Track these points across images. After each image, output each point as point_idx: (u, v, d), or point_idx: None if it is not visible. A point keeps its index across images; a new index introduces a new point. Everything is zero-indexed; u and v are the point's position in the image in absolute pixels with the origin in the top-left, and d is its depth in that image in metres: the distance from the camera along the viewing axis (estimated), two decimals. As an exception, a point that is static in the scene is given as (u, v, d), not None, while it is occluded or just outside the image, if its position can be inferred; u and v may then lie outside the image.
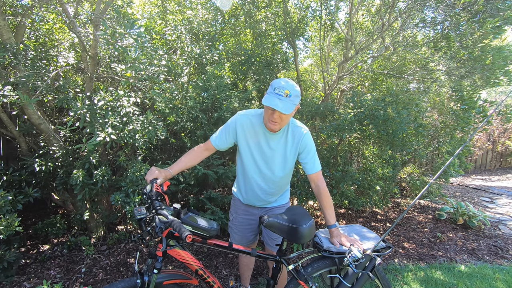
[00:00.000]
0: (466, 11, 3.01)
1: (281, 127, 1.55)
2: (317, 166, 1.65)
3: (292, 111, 1.45)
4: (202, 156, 1.71)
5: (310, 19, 4.40)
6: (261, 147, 1.63)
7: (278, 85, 1.44)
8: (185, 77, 3.01)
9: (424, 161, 4.60)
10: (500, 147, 8.12)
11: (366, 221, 3.84)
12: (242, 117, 1.64)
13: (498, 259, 3.03)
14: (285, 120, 1.51)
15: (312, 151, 1.64)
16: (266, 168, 1.67)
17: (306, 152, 1.63)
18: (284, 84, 1.44)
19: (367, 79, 4.81)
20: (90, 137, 2.30)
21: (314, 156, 1.65)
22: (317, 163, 1.65)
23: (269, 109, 1.47)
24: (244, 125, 1.62)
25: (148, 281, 1.31)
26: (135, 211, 1.30)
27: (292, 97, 1.43)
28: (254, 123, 1.62)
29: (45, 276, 2.40)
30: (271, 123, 1.49)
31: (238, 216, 1.86)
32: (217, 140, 1.68)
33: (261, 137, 1.63)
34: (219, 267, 2.65)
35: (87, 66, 2.52)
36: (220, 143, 1.68)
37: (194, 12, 3.50)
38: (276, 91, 1.42)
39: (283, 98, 1.41)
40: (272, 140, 1.62)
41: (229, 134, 1.66)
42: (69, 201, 2.88)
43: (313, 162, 1.63)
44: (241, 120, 1.63)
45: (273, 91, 1.43)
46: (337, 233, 1.61)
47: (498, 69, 3.28)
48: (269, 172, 1.67)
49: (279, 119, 1.47)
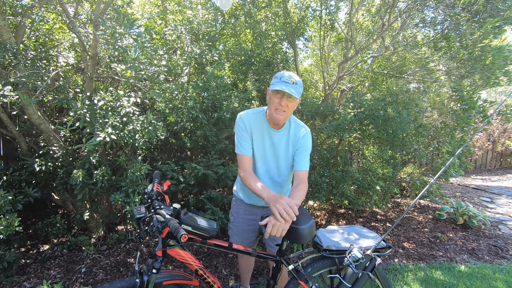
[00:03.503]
0: (466, 11, 3.01)
1: (286, 117, 1.55)
2: (306, 165, 1.64)
3: (299, 97, 1.49)
4: (253, 173, 1.64)
5: (310, 19, 4.40)
6: (265, 143, 1.66)
7: (283, 74, 1.48)
8: (185, 77, 3.01)
9: (424, 161, 4.60)
10: (500, 147, 8.12)
11: (366, 221, 3.83)
12: (245, 116, 1.66)
13: (498, 259, 3.03)
14: (290, 110, 1.52)
15: (307, 151, 1.66)
16: (273, 165, 1.70)
17: (302, 150, 1.65)
18: (288, 74, 1.49)
19: (367, 79, 4.81)
20: (90, 137, 2.30)
21: (307, 156, 1.66)
22: (307, 162, 1.65)
23: (277, 96, 1.48)
24: (251, 121, 1.64)
25: (147, 281, 1.30)
26: (134, 210, 1.30)
27: (298, 85, 1.48)
28: (257, 120, 1.64)
29: (45, 276, 2.40)
30: (278, 113, 1.50)
31: (239, 216, 1.86)
32: (245, 149, 1.62)
33: (265, 133, 1.65)
34: (219, 267, 2.65)
35: (87, 66, 2.52)
36: (249, 149, 1.64)
37: (194, 12, 3.50)
38: (283, 80, 1.46)
39: (291, 85, 1.44)
40: (276, 137, 1.64)
41: (247, 135, 1.63)
42: (69, 201, 2.88)
43: (304, 160, 1.64)
44: (246, 118, 1.65)
45: (280, 80, 1.47)
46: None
47: (498, 69, 3.28)
48: (276, 168, 1.71)
49: (286, 107, 1.49)
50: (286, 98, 1.46)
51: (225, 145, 2.93)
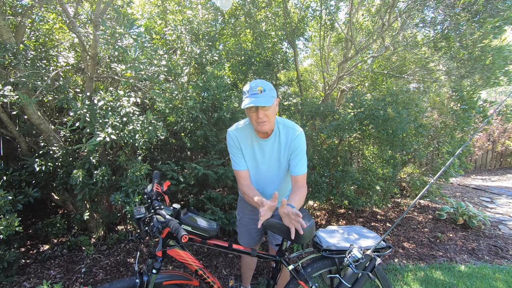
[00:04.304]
0: (466, 11, 3.01)
1: (271, 125, 1.54)
2: (303, 168, 1.61)
3: (273, 103, 1.46)
4: (252, 186, 1.68)
5: (310, 19, 4.40)
6: (256, 154, 1.66)
7: (249, 87, 1.47)
8: (185, 77, 3.01)
9: (424, 161, 4.60)
10: (500, 147, 8.12)
11: (366, 221, 3.83)
12: (234, 131, 1.66)
13: (498, 259, 3.03)
14: (272, 117, 1.51)
15: (302, 152, 1.62)
16: (267, 174, 1.70)
17: (296, 153, 1.61)
18: (254, 84, 1.47)
19: (367, 79, 4.81)
20: (90, 137, 2.30)
21: (303, 158, 1.62)
22: (304, 165, 1.62)
23: (252, 111, 1.47)
24: (239, 136, 1.65)
25: (147, 281, 1.31)
26: (134, 210, 1.30)
27: (267, 90, 1.45)
28: (244, 132, 1.65)
29: (45, 276, 2.40)
30: (261, 125, 1.49)
31: (245, 216, 1.88)
32: (239, 165, 1.67)
33: (255, 144, 1.64)
34: (219, 267, 2.65)
35: (87, 66, 2.52)
36: (243, 164, 1.67)
37: (194, 12, 3.50)
38: (250, 92, 1.45)
39: (259, 95, 1.43)
40: (266, 147, 1.63)
41: (237, 151, 1.66)
42: (69, 201, 2.88)
43: (300, 163, 1.61)
44: (234, 133, 1.65)
45: (247, 93, 1.46)
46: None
47: (498, 69, 3.28)
48: (269, 178, 1.71)
49: (266, 117, 1.47)
50: (260, 109, 1.44)
51: (225, 145, 2.91)
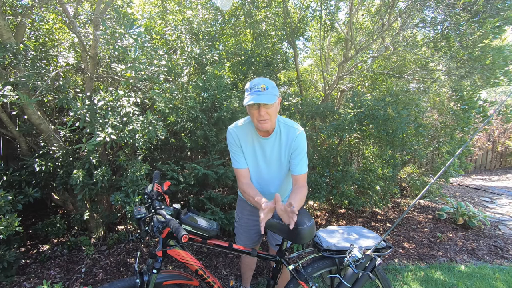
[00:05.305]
0: (466, 11, 3.01)
1: (272, 124, 1.53)
2: (304, 168, 1.61)
3: (275, 101, 1.45)
4: (252, 184, 1.68)
5: (310, 19, 4.40)
6: (256, 153, 1.65)
7: (252, 84, 1.45)
8: (185, 77, 3.01)
9: (424, 161, 4.60)
10: (500, 147, 8.12)
11: (366, 221, 3.83)
12: (233, 129, 1.66)
13: (498, 259, 3.03)
14: (273, 115, 1.50)
15: (303, 152, 1.62)
16: (267, 173, 1.69)
17: (297, 152, 1.60)
18: (256, 81, 1.46)
19: (367, 79, 4.81)
20: (90, 137, 2.29)
21: (304, 157, 1.62)
22: (304, 165, 1.62)
23: (254, 109, 1.46)
24: (239, 133, 1.64)
25: (147, 281, 1.31)
26: (134, 210, 1.30)
27: (270, 88, 1.44)
28: (245, 130, 1.64)
29: (45, 276, 2.40)
30: (261, 123, 1.48)
31: (244, 216, 1.87)
32: (239, 163, 1.66)
33: (255, 143, 1.64)
34: (219, 267, 2.65)
35: (87, 66, 2.52)
36: (243, 162, 1.67)
37: (194, 12, 3.50)
38: (253, 90, 1.43)
39: (261, 92, 1.42)
40: (267, 146, 1.62)
41: (238, 149, 1.66)
42: (69, 201, 2.88)
43: (301, 163, 1.60)
44: (234, 131, 1.65)
45: (250, 91, 1.45)
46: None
47: (498, 69, 3.28)
48: (269, 177, 1.70)
49: (267, 115, 1.46)
50: (262, 107, 1.43)
51: (225, 145, 2.92)
